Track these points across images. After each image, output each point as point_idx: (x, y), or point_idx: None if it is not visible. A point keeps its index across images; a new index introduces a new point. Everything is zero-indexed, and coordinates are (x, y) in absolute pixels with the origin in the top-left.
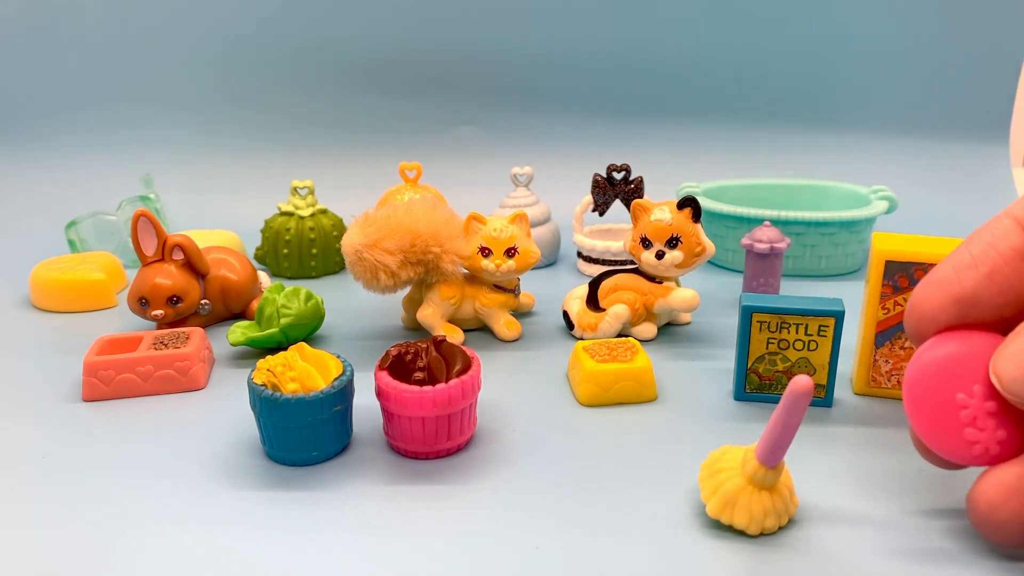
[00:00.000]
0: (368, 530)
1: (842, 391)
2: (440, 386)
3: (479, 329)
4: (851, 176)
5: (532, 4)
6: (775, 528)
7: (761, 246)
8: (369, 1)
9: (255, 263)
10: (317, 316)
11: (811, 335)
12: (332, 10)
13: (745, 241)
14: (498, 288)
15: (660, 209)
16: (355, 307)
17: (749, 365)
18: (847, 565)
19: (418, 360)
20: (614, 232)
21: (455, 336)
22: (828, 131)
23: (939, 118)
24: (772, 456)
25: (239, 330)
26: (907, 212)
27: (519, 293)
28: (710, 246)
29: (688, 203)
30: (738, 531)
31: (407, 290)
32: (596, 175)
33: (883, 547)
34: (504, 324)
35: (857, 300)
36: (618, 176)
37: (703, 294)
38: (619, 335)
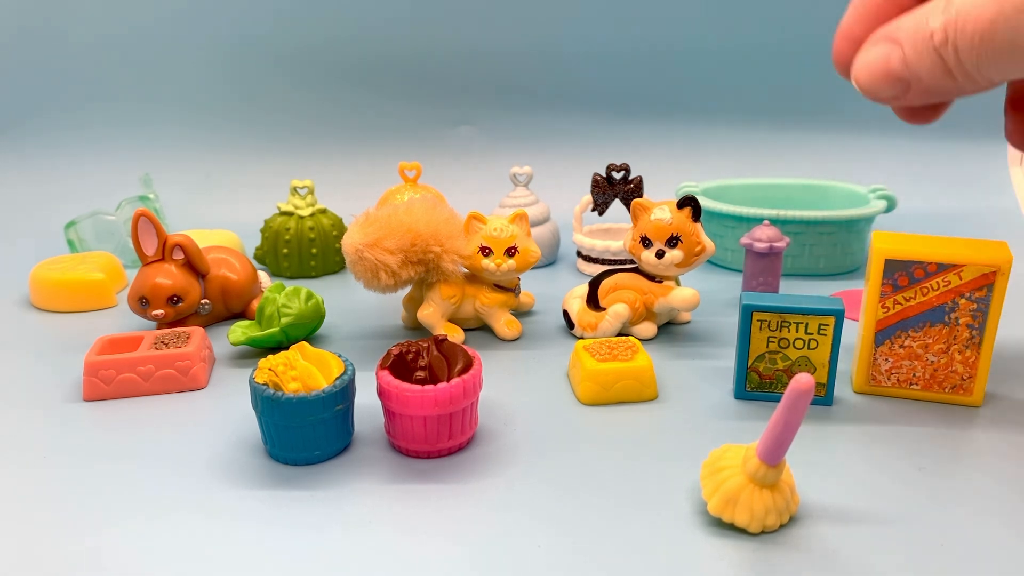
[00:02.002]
0: (369, 529)
1: (842, 389)
2: (441, 385)
3: (479, 328)
4: (850, 175)
5: (532, 4)
6: (776, 526)
7: (760, 245)
8: (369, 1)
9: (255, 263)
10: (318, 316)
11: (811, 334)
12: (332, 10)
13: (744, 240)
14: (498, 287)
15: (660, 208)
16: (355, 307)
17: (749, 364)
18: (847, 563)
19: (419, 359)
20: (614, 231)
21: (456, 335)
22: (828, 131)
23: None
24: (773, 454)
25: (239, 330)
26: (906, 211)
27: (519, 292)
28: (710, 245)
29: (688, 202)
30: (739, 529)
31: (407, 289)
32: (596, 175)
33: (883, 545)
34: (504, 323)
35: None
36: (618, 176)
37: (703, 293)
38: (619, 334)
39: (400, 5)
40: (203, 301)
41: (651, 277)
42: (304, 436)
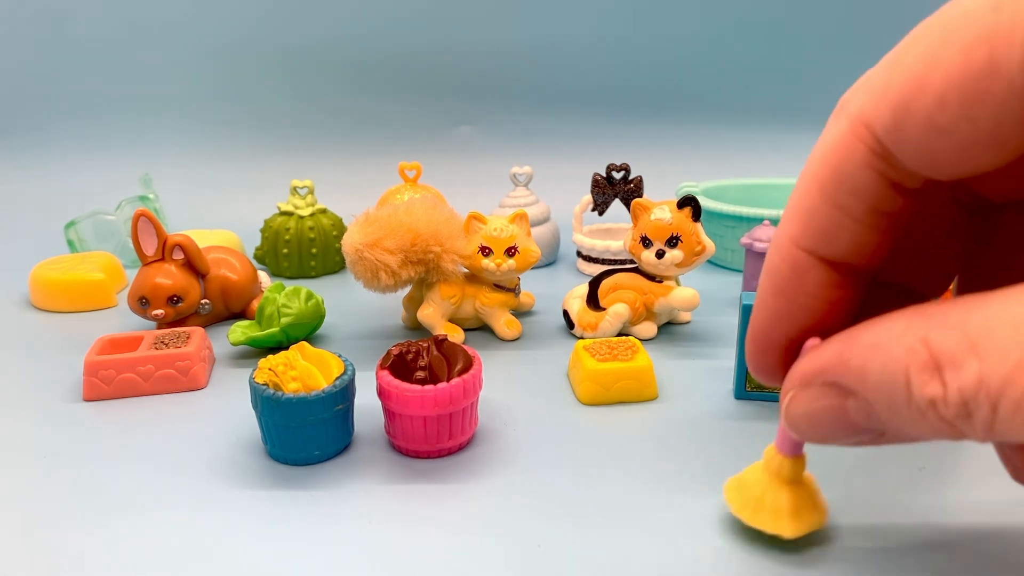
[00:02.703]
0: (369, 529)
1: None
2: (441, 385)
3: (479, 328)
4: None
5: (532, 4)
6: (812, 525)
7: (761, 245)
8: (369, 2)
9: (255, 263)
10: (318, 316)
11: None
12: (332, 10)
13: (745, 240)
14: (498, 287)
15: (660, 208)
16: (355, 307)
17: None
18: (847, 563)
19: (419, 359)
20: (614, 231)
21: (456, 335)
22: None
23: None
24: (790, 443)
25: (239, 330)
26: None
27: (519, 292)
28: (710, 245)
29: (688, 202)
30: (739, 535)
31: (407, 289)
32: (595, 174)
33: (883, 545)
34: (504, 323)
35: None
36: (617, 175)
37: (703, 293)
38: (619, 334)
39: (400, 5)
40: (203, 301)
41: (651, 277)
42: (304, 436)
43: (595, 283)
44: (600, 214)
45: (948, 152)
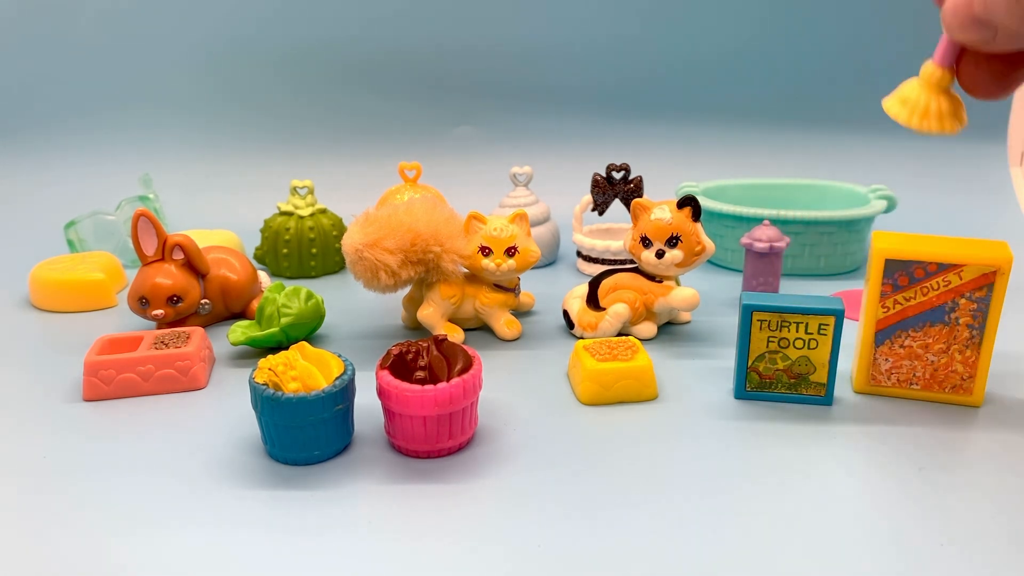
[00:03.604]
0: (369, 529)
1: (842, 389)
2: (441, 385)
3: (479, 328)
4: (850, 175)
5: (532, 4)
6: (947, 127)
7: (760, 245)
8: (369, 2)
9: (255, 263)
10: (318, 316)
11: (811, 333)
12: (332, 11)
13: (744, 240)
14: (498, 287)
15: (660, 208)
16: (355, 307)
17: (749, 364)
18: (847, 563)
19: (419, 359)
20: (614, 231)
21: (456, 335)
22: (828, 131)
23: None
24: (945, 55)
25: (239, 330)
26: (906, 211)
27: (519, 292)
28: (710, 245)
29: (688, 202)
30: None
31: (407, 289)
32: (596, 175)
33: (883, 545)
34: (504, 323)
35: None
36: (617, 176)
37: (703, 293)
38: (619, 334)
39: (400, 5)
40: (203, 301)
41: (651, 277)
42: (304, 436)
43: (595, 283)
44: (600, 214)
45: None
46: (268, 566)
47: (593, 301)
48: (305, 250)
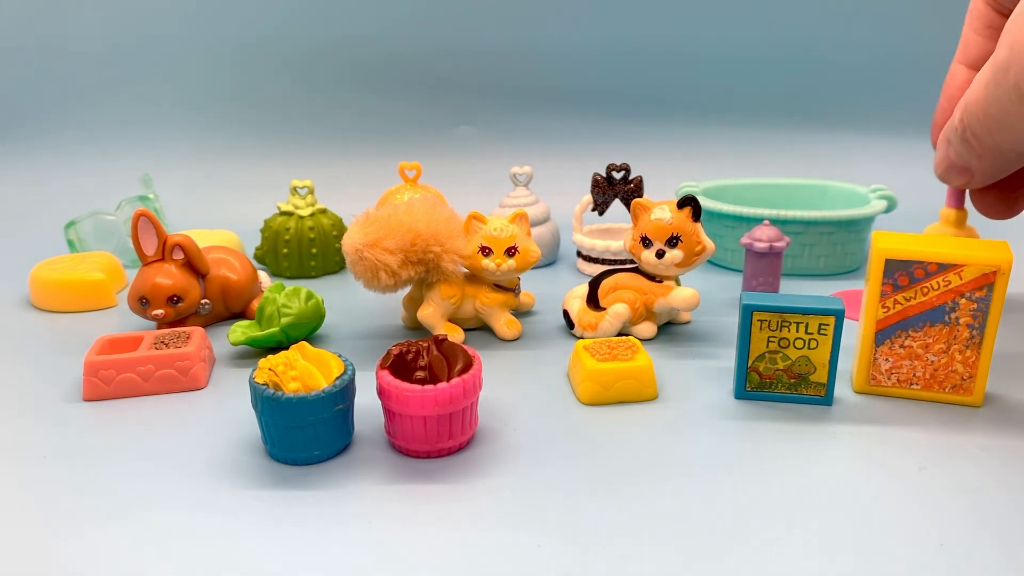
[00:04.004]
0: (370, 529)
1: (842, 389)
2: (441, 385)
3: (479, 328)
4: (850, 175)
5: (532, 4)
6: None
7: (760, 245)
8: (369, 2)
9: (255, 263)
10: (318, 315)
11: (811, 333)
12: (332, 11)
13: (744, 240)
14: (498, 287)
15: (660, 208)
16: (355, 307)
17: (749, 364)
18: (847, 563)
19: (419, 359)
20: (614, 231)
21: (456, 335)
22: (828, 131)
23: None
24: (953, 199)
25: (239, 329)
26: (906, 211)
27: (519, 292)
28: (710, 245)
29: (688, 202)
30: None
31: (407, 289)
32: (596, 174)
33: (883, 545)
34: (504, 323)
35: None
36: (617, 175)
37: (703, 293)
38: (619, 334)
39: (400, 5)
40: (203, 301)
41: (651, 277)
42: (304, 436)
43: (595, 283)
44: (600, 214)
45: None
46: (268, 566)
47: (593, 301)
48: (305, 250)
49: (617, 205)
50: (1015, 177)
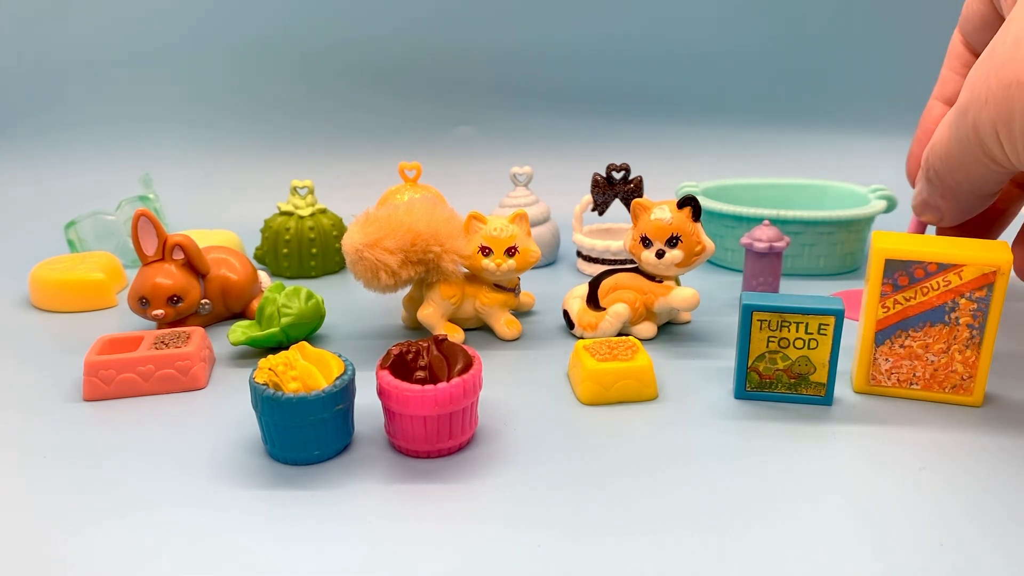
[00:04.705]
0: (369, 529)
1: (842, 389)
2: (441, 385)
3: (479, 328)
4: (850, 175)
5: (532, 4)
6: None
7: (760, 245)
8: (369, 3)
9: (255, 263)
10: (318, 315)
11: (811, 333)
12: (332, 12)
13: (744, 240)
14: (498, 287)
15: (660, 208)
16: (355, 307)
17: (749, 364)
18: (848, 563)
19: (419, 359)
20: (614, 231)
21: (456, 335)
22: (828, 131)
23: None
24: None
25: (240, 330)
26: (906, 211)
27: (519, 292)
28: (710, 245)
29: (688, 202)
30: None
31: (407, 289)
32: (596, 174)
33: (883, 545)
34: (504, 323)
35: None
36: (617, 175)
37: (703, 293)
38: (619, 334)
39: (400, 5)
40: (203, 301)
41: (651, 277)
42: (304, 436)
43: (595, 283)
44: (600, 214)
45: None
46: (268, 565)
47: (593, 301)
48: (305, 250)
49: (617, 205)
50: (982, 220)
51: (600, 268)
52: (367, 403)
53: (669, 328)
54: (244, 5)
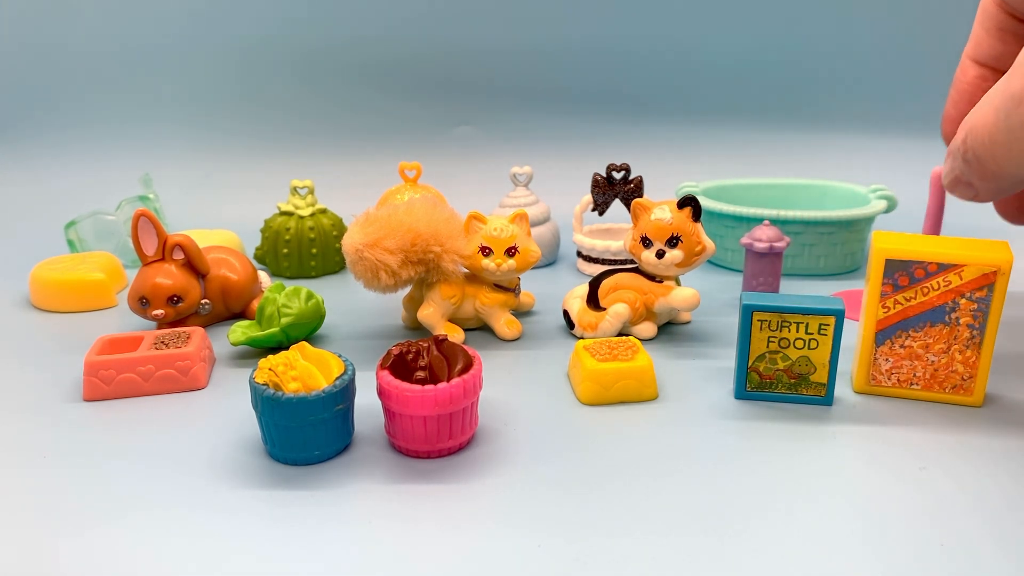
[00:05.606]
0: (370, 529)
1: (842, 389)
2: (441, 385)
3: (479, 328)
4: (850, 175)
5: (532, 5)
6: None
7: (760, 245)
8: (370, 3)
9: (255, 263)
10: (318, 316)
11: (811, 334)
12: (333, 12)
13: (744, 240)
14: (498, 287)
15: (660, 208)
16: (355, 307)
17: (750, 364)
18: (848, 563)
19: (419, 359)
20: (614, 231)
21: (456, 335)
22: (828, 131)
23: (938, 117)
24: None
25: (240, 330)
26: (906, 211)
27: (519, 292)
28: (710, 245)
29: (688, 202)
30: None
31: (407, 289)
32: (596, 174)
33: (883, 545)
34: (504, 323)
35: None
36: (618, 175)
37: (703, 293)
38: (619, 334)
39: (401, 6)
40: (203, 301)
41: (651, 277)
42: (304, 436)
43: (595, 283)
44: (600, 214)
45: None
46: (268, 565)
47: (593, 301)
48: (305, 250)
49: (617, 205)
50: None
51: (600, 268)
52: (367, 403)
53: (669, 328)
54: (244, 5)
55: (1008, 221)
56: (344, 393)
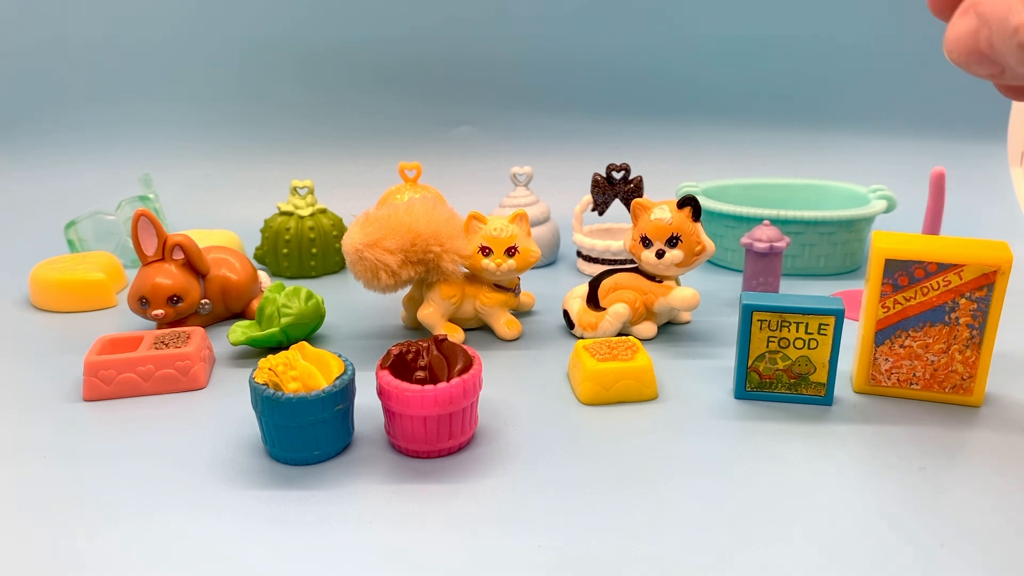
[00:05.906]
0: (370, 529)
1: (842, 389)
2: (441, 385)
3: (479, 328)
4: (850, 176)
5: (532, 5)
6: None
7: (760, 245)
8: (370, 3)
9: (255, 263)
10: (318, 315)
11: (811, 333)
12: (333, 12)
13: (745, 240)
14: (498, 287)
15: (660, 208)
16: (355, 307)
17: (749, 364)
18: (848, 563)
19: (419, 359)
20: (614, 231)
21: (456, 335)
22: (828, 131)
23: (937, 117)
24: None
25: (240, 329)
26: (906, 211)
27: (519, 292)
28: (710, 245)
29: (688, 202)
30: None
31: (407, 289)
32: (596, 175)
33: (883, 545)
34: (504, 323)
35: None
36: (618, 175)
37: (703, 293)
38: (619, 334)
39: (401, 7)
40: (203, 301)
41: (651, 277)
42: (304, 436)
43: (595, 283)
44: (600, 214)
45: None
46: (268, 565)
47: (593, 301)
48: (305, 250)
49: (617, 205)
50: None
51: (600, 268)
52: (367, 403)
53: (669, 328)
54: (244, 6)
55: (935, 15)
56: (344, 393)
